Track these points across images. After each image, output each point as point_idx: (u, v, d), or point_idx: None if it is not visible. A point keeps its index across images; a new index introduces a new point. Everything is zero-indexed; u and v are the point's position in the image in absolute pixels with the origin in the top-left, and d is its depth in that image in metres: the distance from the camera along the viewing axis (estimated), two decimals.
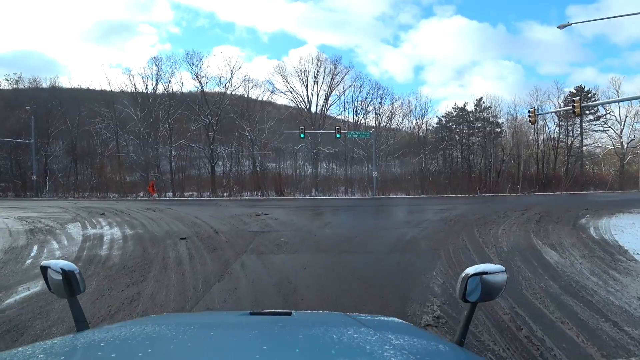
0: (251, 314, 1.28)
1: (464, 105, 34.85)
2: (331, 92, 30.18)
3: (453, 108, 35.44)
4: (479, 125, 33.02)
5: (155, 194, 24.69)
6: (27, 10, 47.48)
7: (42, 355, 0.82)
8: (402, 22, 47.58)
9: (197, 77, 28.69)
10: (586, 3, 45.16)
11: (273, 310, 1.33)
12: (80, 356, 0.88)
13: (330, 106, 30.35)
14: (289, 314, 1.30)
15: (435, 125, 34.75)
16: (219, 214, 11.10)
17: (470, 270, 1.31)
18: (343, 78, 30.39)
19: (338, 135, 24.23)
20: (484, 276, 1.30)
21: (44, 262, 1.35)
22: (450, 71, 53.38)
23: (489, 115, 33.00)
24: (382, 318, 1.44)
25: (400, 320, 1.40)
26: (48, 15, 50.17)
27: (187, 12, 48.87)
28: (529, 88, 30.39)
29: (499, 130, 32.57)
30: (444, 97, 64.07)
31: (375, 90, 31.39)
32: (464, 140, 32.47)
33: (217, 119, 29.29)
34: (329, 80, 29.99)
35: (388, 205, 17.37)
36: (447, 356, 1.01)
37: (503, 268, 1.33)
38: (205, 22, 49.90)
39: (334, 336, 1.00)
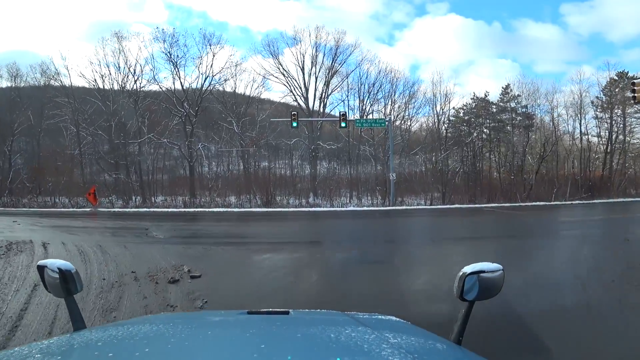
0: (249, 313, 1.28)
1: (485, 96, 30.12)
2: (332, 75, 25.19)
3: (472, 99, 30.65)
4: (506, 117, 28.33)
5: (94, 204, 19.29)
6: (18, 8, 42.35)
7: (39, 355, 0.82)
8: (396, 20, 45.28)
9: (170, 56, 23.64)
10: (580, 0, 44.16)
11: (271, 309, 1.32)
12: (77, 356, 0.89)
13: (331, 93, 25.25)
14: (287, 312, 1.31)
15: (452, 119, 30.05)
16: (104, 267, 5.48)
17: (468, 269, 1.31)
18: (347, 58, 25.38)
19: (343, 124, 19.41)
20: (482, 275, 1.30)
21: (41, 262, 1.36)
22: (446, 70, 53.21)
23: (518, 105, 28.28)
24: (380, 317, 1.43)
25: (397, 319, 1.40)
26: (39, 14, 44.96)
27: (180, 12, 45.23)
28: (526, 86, 26.99)
29: (528, 122, 27.87)
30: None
31: (386, 74, 26.09)
32: (490, 136, 27.72)
33: (196, 110, 24.43)
34: (330, 60, 24.94)
35: (417, 224, 12.98)
36: (444, 354, 1.01)
37: (500, 267, 1.33)
38: (198, 21, 46.17)
39: (332, 335, 1.01)
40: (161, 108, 24.94)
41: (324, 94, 24.43)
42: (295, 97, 24.25)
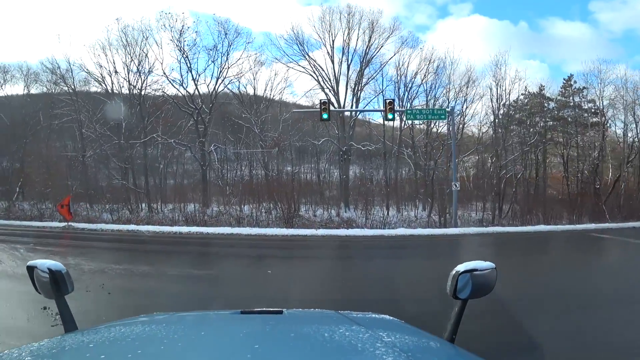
0: (242, 312, 1.27)
1: (540, 90, 25.91)
2: (367, 64, 21.27)
3: (522, 94, 26.52)
4: (569, 113, 24.15)
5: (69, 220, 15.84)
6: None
7: (29, 358, 0.81)
8: (418, 22, 43.74)
9: (179, 44, 20.59)
10: None
11: (264, 309, 1.31)
12: (68, 358, 0.87)
13: (365, 84, 21.36)
14: (280, 312, 1.29)
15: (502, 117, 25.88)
16: None
17: (461, 267, 1.32)
18: (384, 43, 21.48)
19: (391, 115, 15.44)
20: (475, 273, 1.31)
21: (31, 262, 1.35)
22: (473, 73, 48.54)
23: (582, 100, 24.07)
24: (374, 315, 1.43)
25: (391, 318, 1.40)
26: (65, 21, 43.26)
27: (204, 18, 44.77)
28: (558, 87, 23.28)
29: (596, 119, 23.58)
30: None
31: (431, 63, 21.30)
32: (551, 137, 23.55)
33: (210, 106, 21.35)
34: (365, 44, 21.22)
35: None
36: (438, 353, 1.02)
37: (493, 265, 1.33)
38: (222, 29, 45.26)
39: (326, 334, 1.00)
40: (172, 107, 21.98)
41: (357, 86, 20.82)
42: (324, 91, 20.77)
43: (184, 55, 20.55)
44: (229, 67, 21.20)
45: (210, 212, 17.20)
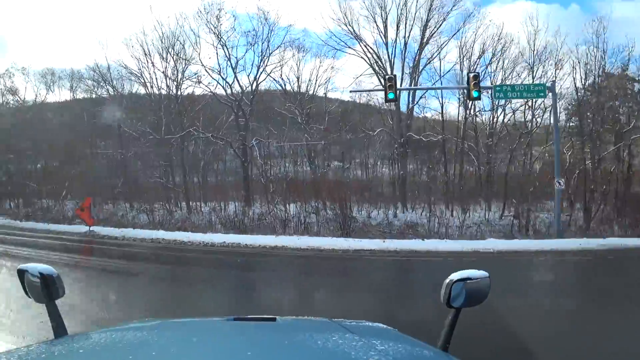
0: (235, 319, 1.26)
1: (624, 69, 22.02)
2: (427, 42, 18.35)
3: (599, 76, 22.69)
4: None
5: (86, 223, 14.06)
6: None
7: None
8: (461, 10, 38.89)
9: (217, 34, 19.05)
10: None
11: (257, 316, 1.31)
12: None
13: (425, 66, 18.47)
14: (274, 319, 1.28)
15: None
16: None
17: (455, 276, 1.31)
18: (447, 16, 18.46)
19: (476, 94, 12.14)
20: (468, 282, 1.30)
21: (22, 266, 1.32)
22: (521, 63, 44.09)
23: None
24: (367, 324, 1.43)
25: (385, 326, 1.40)
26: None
27: (243, 19, 42.55)
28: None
29: None
30: None
31: (498, 40, 18.01)
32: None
33: (251, 98, 19.72)
34: (424, 19, 18.24)
35: None
36: None
37: (487, 274, 1.34)
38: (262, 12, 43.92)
39: (319, 342, 1.00)
40: (210, 101, 20.66)
41: (414, 71, 18.23)
42: (377, 76, 18.39)
43: (222, 44, 19.02)
44: (270, 54, 19.43)
45: (251, 214, 15.34)
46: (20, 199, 21.64)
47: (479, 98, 12.67)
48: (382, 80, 17.84)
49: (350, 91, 16.70)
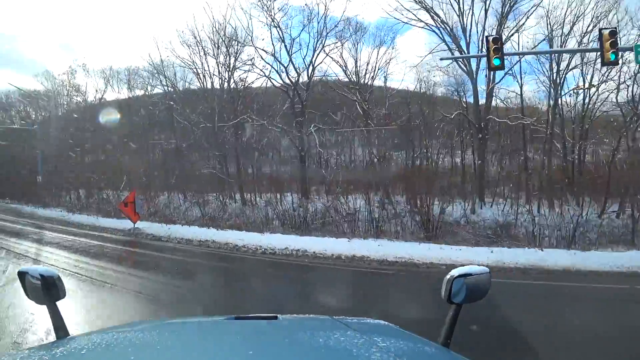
0: (236, 318, 1.26)
1: None
2: (511, 9, 15.62)
3: None
4: None
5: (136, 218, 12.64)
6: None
7: None
8: None
9: (270, 12, 17.72)
10: None
11: (258, 315, 1.30)
12: None
13: (506, 40, 15.83)
14: (275, 317, 1.28)
15: None
16: None
17: (455, 272, 1.30)
18: None
19: (612, 56, 8.97)
20: (469, 278, 1.30)
21: (22, 268, 1.31)
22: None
23: None
24: (369, 321, 1.41)
25: (386, 323, 1.38)
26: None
27: (294, 11, 41.83)
28: None
29: None
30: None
31: None
32: None
33: (307, 83, 18.31)
34: None
35: None
36: (433, 358, 1.02)
37: (487, 269, 1.33)
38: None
39: (320, 340, 1.00)
40: (264, 89, 19.62)
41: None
42: (450, 51, 16.06)
43: (276, 24, 17.72)
44: (327, 34, 17.85)
45: (312, 209, 13.82)
46: (82, 190, 22.01)
47: (615, 61, 9.73)
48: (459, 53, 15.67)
49: (441, 59, 14.13)
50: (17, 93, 26.69)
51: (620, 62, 11.09)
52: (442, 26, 16.29)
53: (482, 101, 16.25)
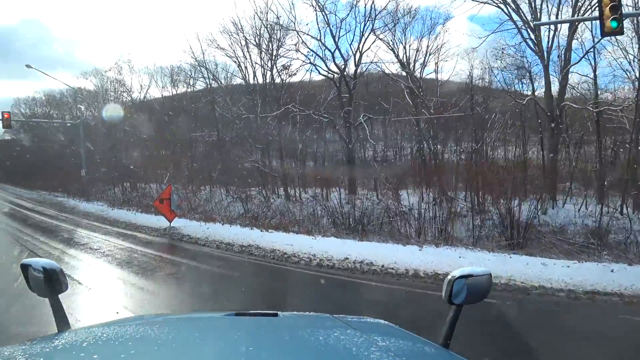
0: (236, 314, 1.26)
1: None
2: None
3: None
4: None
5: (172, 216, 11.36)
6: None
7: (21, 357, 0.80)
8: None
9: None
10: None
11: (259, 312, 1.29)
12: (60, 358, 0.86)
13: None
14: (275, 315, 1.28)
15: None
16: None
17: (456, 273, 1.30)
18: None
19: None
20: (470, 279, 1.30)
21: (25, 261, 1.32)
22: None
23: None
24: (369, 320, 1.42)
25: (386, 322, 1.38)
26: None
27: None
28: None
29: None
30: None
31: None
32: None
33: (355, 70, 17.14)
34: None
35: None
36: (432, 358, 1.02)
37: (489, 271, 1.33)
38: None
39: (320, 338, 0.98)
40: (310, 78, 18.70)
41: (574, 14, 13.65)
42: (518, 29, 14.22)
43: (321, 7, 16.67)
44: (375, 16, 16.57)
45: (362, 206, 12.47)
46: (127, 184, 22.15)
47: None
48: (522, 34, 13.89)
49: (535, 24, 12.34)
50: (70, 91, 27.53)
51: None
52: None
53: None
